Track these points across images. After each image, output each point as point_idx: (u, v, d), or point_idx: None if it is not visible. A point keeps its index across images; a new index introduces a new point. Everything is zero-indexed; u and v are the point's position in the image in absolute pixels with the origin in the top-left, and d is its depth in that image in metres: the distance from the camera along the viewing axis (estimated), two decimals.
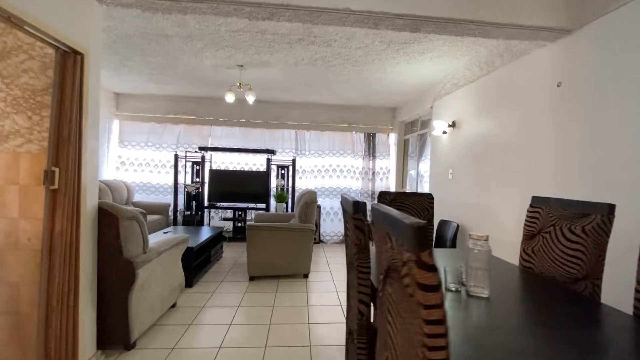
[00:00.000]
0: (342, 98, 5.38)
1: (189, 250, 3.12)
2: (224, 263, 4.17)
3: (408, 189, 5.91)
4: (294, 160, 5.50)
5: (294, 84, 4.65)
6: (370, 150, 5.95)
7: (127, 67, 4.16)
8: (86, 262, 1.89)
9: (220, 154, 5.77)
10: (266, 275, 3.57)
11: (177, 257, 2.74)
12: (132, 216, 2.09)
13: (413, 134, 5.56)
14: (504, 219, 2.82)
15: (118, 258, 2.03)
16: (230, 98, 4.08)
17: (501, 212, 2.88)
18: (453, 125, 3.71)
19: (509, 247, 2.53)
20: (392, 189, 5.94)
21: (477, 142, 3.30)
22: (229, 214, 5.76)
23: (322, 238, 5.75)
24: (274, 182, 5.69)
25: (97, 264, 2.02)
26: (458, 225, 3.42)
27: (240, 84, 3.98)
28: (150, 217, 4.84)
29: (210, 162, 5.74)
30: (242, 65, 3.90)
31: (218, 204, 5.50)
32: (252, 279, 3.55)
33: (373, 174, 5.93)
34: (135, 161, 5.69)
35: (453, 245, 3.37)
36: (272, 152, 5.42)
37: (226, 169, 5.76)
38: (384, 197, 2.34)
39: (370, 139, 5.97)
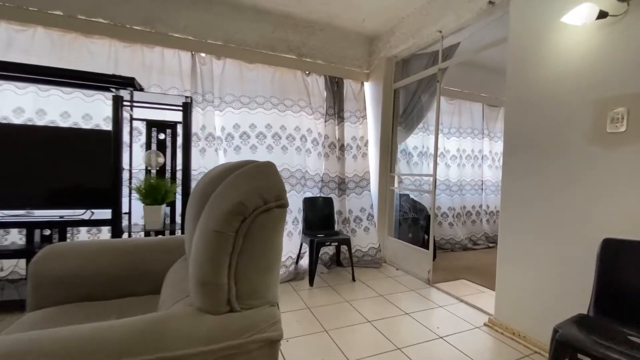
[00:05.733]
0: None
1: None
2: None
3: (397, 173, 3.52)
4: (185, 105, 2.44)
5: None
6: (336, 108, 3.35)
7: None
8: None
9: None
10: None
11: None
12: None
13: (415, 75, 3.16)
14: None
15: None
16: None
17: None
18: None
19: None
20: (373, 175, 3.45)
21: None
22: (15, 236, 2.38)
23: None
24: (139, 156, 2.55)
25: None
26: None
27: None
28: None
29: None
30: None
31: None
32: None
33: (341, 148, 3.34)
34: None
35: None
36: (128, 83, 2.26)
37: (4, 121, 2.33)
38: None
39: (335, 87, 3.36)
